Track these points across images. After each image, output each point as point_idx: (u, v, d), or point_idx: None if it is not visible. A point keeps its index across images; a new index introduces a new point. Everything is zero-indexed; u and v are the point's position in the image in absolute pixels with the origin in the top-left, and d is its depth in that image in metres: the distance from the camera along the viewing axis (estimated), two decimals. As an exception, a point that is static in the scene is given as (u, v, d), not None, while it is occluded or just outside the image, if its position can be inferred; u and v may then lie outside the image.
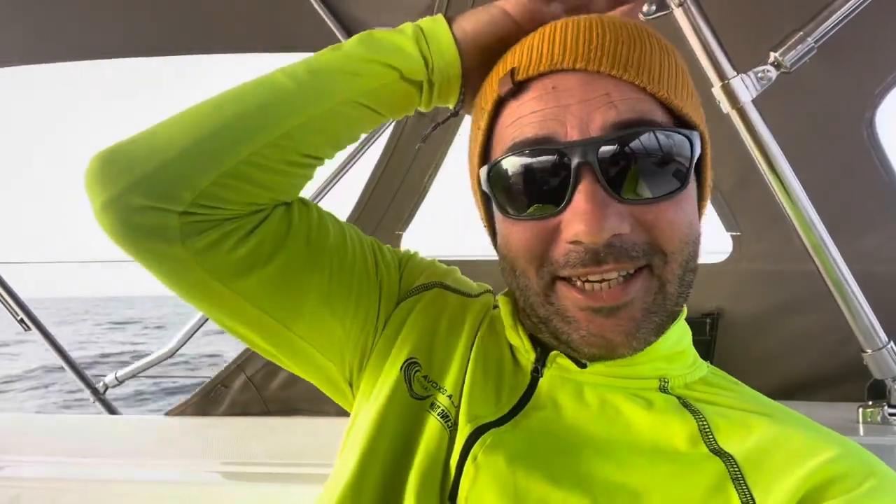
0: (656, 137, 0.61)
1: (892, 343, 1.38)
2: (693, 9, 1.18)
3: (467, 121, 0.80)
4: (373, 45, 0.75)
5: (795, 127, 1.55)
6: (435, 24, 0.76)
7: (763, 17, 1.45)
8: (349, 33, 1.82)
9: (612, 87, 0.62)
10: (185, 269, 0.71)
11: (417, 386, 0.76)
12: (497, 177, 0.67)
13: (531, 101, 0.64)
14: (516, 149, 0.64)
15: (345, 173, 2.05)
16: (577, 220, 0.60)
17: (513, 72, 0.66)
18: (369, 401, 0.77)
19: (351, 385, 0.83)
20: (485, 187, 0.70)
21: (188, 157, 0.68)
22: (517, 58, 0.67)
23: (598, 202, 0.59)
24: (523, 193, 0.65)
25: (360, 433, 0.74)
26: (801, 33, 1.19)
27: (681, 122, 0.65)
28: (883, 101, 1.51)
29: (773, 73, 1.21)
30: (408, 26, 0.77)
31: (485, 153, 0.72)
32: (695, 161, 0.64)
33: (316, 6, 1.75)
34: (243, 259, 0.72)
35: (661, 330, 0.66)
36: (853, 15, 1.18)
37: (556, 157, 0.61)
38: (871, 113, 1.52)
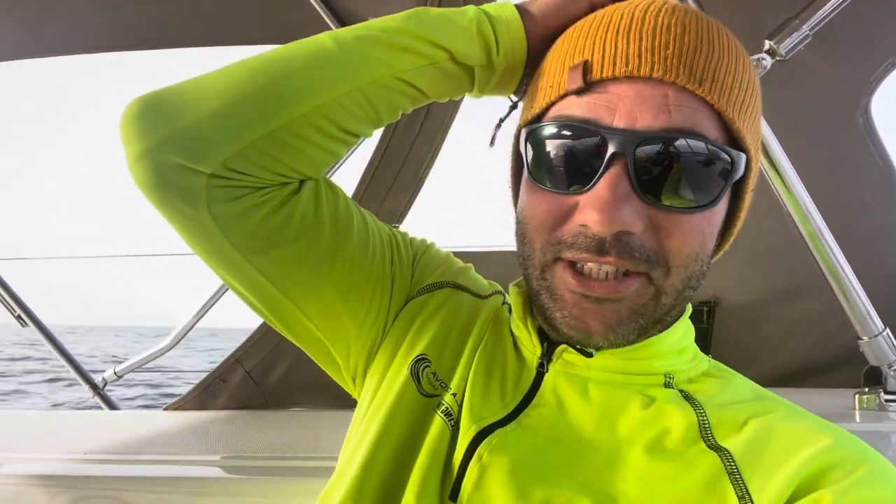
0: (699, 150, 0.60)
1: (887, 330, 1.39)
2: (688, -2, 1.18)
3: (462, 113, 0.78)
4: (425, 23, 0.72)
5: (791, 115, 1.55)
6: (503, 10, 0.74)
7: (757, 4, 1.45)
8: (343, 25, 1.81)
9: (673, 90, 0.60)
10: (208, 236, 0.71)
11: (426, 383, 0.75)
12: (535, 140, 0.66)
13: (594, 93, 0.62)
14: (561, 121, 0.64)
15: (339, 167, 2.04)
16: (593, 205, 0.59)
17: (585, 68, 0.63)
18: (377, 396, 0.77)
19: (354, 380, 0.83)
20: (521, 147, 0.69)
21: (223, 117, 0.67)
22: (590, 50, 0.64)
23: (618, 194, 0.59)
24: (554, 165, 0.64)
25: (367, 429, 0.73)
26: (796, 21, 1.20)
27: (732, 140, 0.63)
28: (878, 87, 1.51)
29: (769, 62, 1.21)
30: (470, 8, 0.74)
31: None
32: (731, 184, 0.63)
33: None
34: (268, 234, 0.72)
35: (643, 332, 0.66)
36: (847, 2, 1.18)
37: (595, 140, 0.60)
38: (866, 100, 1.52)
